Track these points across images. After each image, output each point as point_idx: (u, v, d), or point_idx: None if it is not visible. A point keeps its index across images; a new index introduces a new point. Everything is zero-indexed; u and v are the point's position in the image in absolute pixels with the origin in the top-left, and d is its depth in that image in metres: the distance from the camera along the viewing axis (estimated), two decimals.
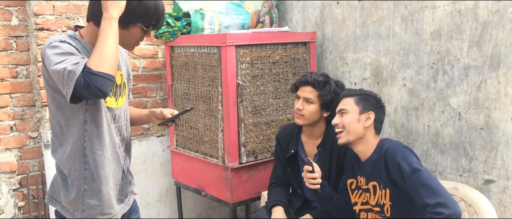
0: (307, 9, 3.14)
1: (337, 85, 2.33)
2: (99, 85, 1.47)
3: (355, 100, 2.04)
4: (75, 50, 1.56)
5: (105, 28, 1.54)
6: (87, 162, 1.67)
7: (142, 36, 1.69)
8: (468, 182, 2.33)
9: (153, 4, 1.64)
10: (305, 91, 2.31)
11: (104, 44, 1.52)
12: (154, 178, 3.39)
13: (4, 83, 2.90)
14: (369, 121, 2.00)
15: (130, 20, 1.62)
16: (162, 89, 3.36)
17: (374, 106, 2.04)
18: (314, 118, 2.32)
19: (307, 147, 2.44)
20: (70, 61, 1.49)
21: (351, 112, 2.02)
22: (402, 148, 1.91)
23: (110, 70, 1.51)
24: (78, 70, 1.46)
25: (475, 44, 2.25)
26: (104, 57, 1.50)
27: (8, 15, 2.87)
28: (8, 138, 2.94)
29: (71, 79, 1.46)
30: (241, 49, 2.61)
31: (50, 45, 1.55)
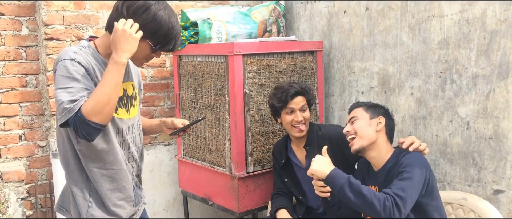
0: (314, 18, 3.15)
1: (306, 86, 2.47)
2: (86, 133, 1.49)
3: (364, 108, 2.08)
4: (82, 73, 1.53)
5: (110, 74, 1.52)
6: (88, 177, 1.68)
7: (150, 54, 1.67)
8: (477, 192, 2.31)
9: (167, 25, 1.60)
10: (299, 103, 2.39)
11: (103, 93, 1.50)
12: (161, 187, 3.39)
13: (13, 92, 2.93)
14: (380, 125, 2.01)
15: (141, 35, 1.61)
16: (169, 98, 3.38)
17: (383, 113, 2.07)
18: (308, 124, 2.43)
19: (298, 154, 2.51)
20: (70, 94, 1.49)
21: (362, 117, 2.04)
22: (421, 160, 1.89)
23: (103, 120, 1.50)
24: (72, 110, 1.47)
25: (483, 53, 2.24)
26: (99, 107, 1.48)
27: (18, 25, 2.91)
28: (17, 147, 2.96)
29: (64, 115, 1.48)
30: (248, 58, 2.62)
31: (61, 64, 1.54)
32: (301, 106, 2.39)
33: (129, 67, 1.80)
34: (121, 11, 1.60)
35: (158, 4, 1.60)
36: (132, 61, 1.74)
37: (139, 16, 1.58)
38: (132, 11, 1.59)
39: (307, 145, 2.43)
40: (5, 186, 2.86)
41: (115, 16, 1.62)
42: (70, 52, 1.57)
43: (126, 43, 1.54)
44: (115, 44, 1.55)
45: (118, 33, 1.54)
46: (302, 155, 2.49)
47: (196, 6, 3.38)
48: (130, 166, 1.80)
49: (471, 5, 2.27)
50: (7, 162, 2.93)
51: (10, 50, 2.89)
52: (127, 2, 1.60)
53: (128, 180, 1.76)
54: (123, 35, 1.54)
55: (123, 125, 1.72)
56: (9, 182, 2.89)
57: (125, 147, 1.75)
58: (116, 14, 1.62)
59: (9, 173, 2.86)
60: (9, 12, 2.87)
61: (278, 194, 2.55)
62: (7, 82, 2.90)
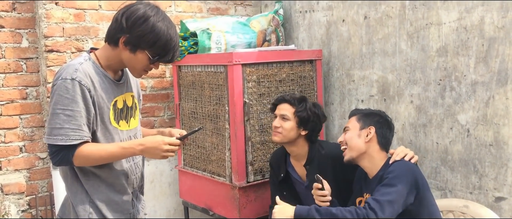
0: (313, 28, 3.16)
1: (314, 106, 2.37)
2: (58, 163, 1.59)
3: (357, 117, 2.08)
4: (82, 94, 1.57)
5: (119, 155, 1.64)
6: (85, 186, 1.68)
7: (149, 65, 1.67)
8: (479, 199, 2.30)
9: (165, 37, 1.61)
10: (282, 109, 2.36)
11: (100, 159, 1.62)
12: (162, 197, 3.38)
13: (14, 104, 2.93)
14: (370, 135, 2.01)
15: (139, 46, 1.61)
16: (169, 108, 3.38)
17: (376, 122, 2.05)
18: (291, 135, 2.33)
19: (298, 168, 2.45)
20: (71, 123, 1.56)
21: (352, 128, 2.05)
22: (408, 167, 1.89)
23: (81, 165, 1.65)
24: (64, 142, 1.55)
25: (482, 60, 2.25)
26: (88, 162, 1.62)
27: (18, 37, 2.92)
28: (17, 159, 2.96)
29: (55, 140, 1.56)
30: (247, 68, 2.63)
31: (61, 83, 1.56)
32: (283, 114, 2.33)
33: (128, 78, 1.80)
34: (121, 22, 1.61)
35: (157, 15, 1.61)
36: (131, 72, 1.74)
37: (138, 27, 1.59)
38: (131, 22, 1.60)
39: (308, 164, 2.36)
40: (6, 198, 2.85)
41: (115, 27, 1.63)
42: (71, 70, 1.58)
43: (152, 155, 1.65)
44: (149, 146, 1.64)
45: (159, 147, 1.64)
46: (301, 170, 2.42)
47: (196, 16, 3.40)
48: (134, 177, 1.80)
49: (469, 12, 2.28)
50: (7, 174, 2.93)
51: (11, 63, 2.91)
52: (126, 13, 1.61)
53: (126, 192, 1.76)
54: (157, 151, 1.64)
55: (124, 137, 1.73)
56: (10, 194, 2.89)
57: (131, 158, 1.77)
58: (115, 25, 1.63)
59: (9, 185, 2.85)
60: (9, 25, 2.88)
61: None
62: (8, 95, 2.91)
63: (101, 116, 1.64)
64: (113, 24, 1.64)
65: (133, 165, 1.79)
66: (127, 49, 1.63)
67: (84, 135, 1.58)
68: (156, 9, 1.63)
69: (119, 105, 1.71)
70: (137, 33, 1.59)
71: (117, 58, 1.67)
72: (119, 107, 1.72)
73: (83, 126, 1.57)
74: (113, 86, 1.70)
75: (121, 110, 1.73)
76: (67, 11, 2.91)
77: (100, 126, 1.65)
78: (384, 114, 2.11)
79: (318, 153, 2.34)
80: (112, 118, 1.68)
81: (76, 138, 1.55)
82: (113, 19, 1.65)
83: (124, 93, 1.75)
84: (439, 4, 2.40)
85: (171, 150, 1.66)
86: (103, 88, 1.64)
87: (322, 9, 3.08)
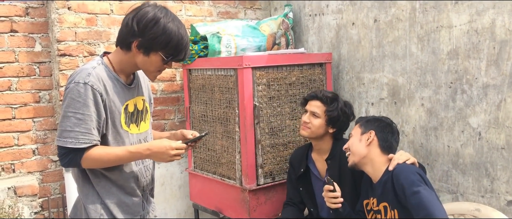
0: (323, 31, 3.17)
1: (345, 105, 2.41)
2: (66, 164, 1.62)
3: (360, 124, 2.12)
4: (94, 98, 1.59)
5: (126, 158, 1.66)
6: (97, 188, 1.71)
7: (162, 65, 1.70)
8: (491, 203, 2.28)
9: (177, 36, 1.64)
10: (313, 106, 2.39)
11: (108, 162, 1.64)
12: (172, 200, 3.40)
13: (27, 108, 2.97)
14: (370, 139, 2.04)
15: (152, 48, 1.64)
16: (180, 111, 3.40)
17: (376, 126, 2.08)
18: (319, 132, 2.38)
19: (319, 164, 2.47)
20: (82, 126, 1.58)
21: (355, 134, 2.10)
22: (409, 169, 1.89)
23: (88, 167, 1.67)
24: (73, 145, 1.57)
25: (493, 63, 2.23)
26: (96, 164, 1.64)
27: (31, 42, 2.97)
28: (30, 161, 3.00)
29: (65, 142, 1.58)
30: (257, 71, 2.64)
31: (74, 86, 1.59)
32: (313, 111, 2.37)
33: (139, 82, 1.82)
34: (132, 27, 1.63)
35: (167, 17, 1.64)
36: (146, 75, 1.77)
37: (149, 30, 1.62)
38: (143, 26, 1.62)
39: (329, 159, 2.40)
40: (19, 200, 2.89)
41: (126, 32, 1.65)
42: (85, 74, 1.60)
43: (160, 159, 1.68)
44: (156, 151, 1.66)
45: (167, 152, 1.66)
46: (321, 166, 2.45)
47: (206, 20, 3.42)
48: (145, 180, 1.82)
49: (480, 15, 2.27)
50: (20, 177, 2.97)
51: (24, 67, 2.95)
52: (137, 17, 1.64)
53: (136, 194, 1.78)
54: (165, 155, 1.67)
55: (134, 140, 1.75)
56: (23, 196, 2.93)
57: (140, 161, 1.79)
58: (126, 30, 1.65)
59: (22, 188, 2.89)
60: (23, 29, 2.93)
61: (288, 204, 2.55)
62: (21, 98, 2.95)
63: (112, 119, 1.66)
64: (124, 29, 1.66)
65: (143, 168, 1.81)
66: (140, 53, 1.65)
67: (93, 138, 1.60)
68: (165, 10, 1.66)
69: (130, 109, 1.74)
70: (149, 36, 1.62)
71: (130, 62, 1.70)
72: (130, 111, 1.74)
73: (93, 129, 1.59)
74: (125, 90, 1.72)
75: (132, 114, 1.75)
76: (79, 16, 2.95)
77: (111, 129, 1.67)
78: (387, 119, 2.13)
79: (340, 150, 2.35)
80: (123, 121, 1.70)
81: (85, 141, 1.58)
82: (123, 23, 1.66)
83: (135, 97, 1.77)
84: (450, 7, 2.39)
85: (178, 154, 1.69)
86: (115, 92, 1.66)
87: (332, 12, 3.08)
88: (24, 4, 2.92)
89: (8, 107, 2.92)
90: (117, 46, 1.72)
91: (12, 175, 2.95)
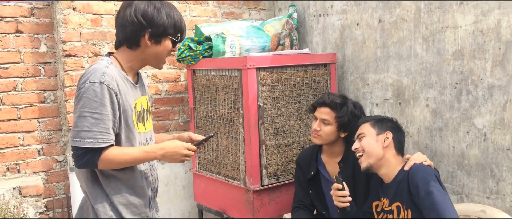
0: (327, 31, 3.16)
1: (355, 107, 2.33)
2: (83, 165, 1.60)
3: (371, 123, 2.06)
4: (110, 98, 1.59)
5: (141, 158, 1.68)
6: (106, 189, 1.70)
7: (171, 49, 1.75)
8: (496, 204, 2.27)
9: (177, 16, 1.73)
10: (322, 113, 2.33)
11: (124, 162, 1.65)
12: (177, 200, 3.41)
13: (32, 108, 2.99)
14: (388, 140, 2.00)
15: (163, 34, 1.69)
16: (184, 112, 3.41)
17: (391, 127, 2.05)
18: (331, 138, 2.33)
19: (329, 167, 2.42)
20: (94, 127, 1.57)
21: (368, 134, 2.03)
22: (426, 170, 1.88)
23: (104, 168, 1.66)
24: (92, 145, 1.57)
25: (499, 63, 2.22)
26: (112, 165, 1.64)
27: (37, 42, 2.98)
28: (35, 161, 3.01)
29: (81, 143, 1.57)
30: (261, 72, 2.64)
31: (90, 86, 1.58)
32: (323, 118, 2.31)
33: (142, 81, 1.84)
34: (139, 21, 1.65)
35: (162, 4, 1.71)
36: (156, 66, 1.79)
37: (156, 18, 1.66)
38: (150, 17, 1.66)
39: (342, 162, 2.35)
40: (24, 200, 2.90)
41: (133, 29, 1.66)
42: (99, 73, 1.60)
43: (172, 159, 1.71)
44: (169, 151, 1.69)
45: (179, 152, 1.70)
46: (332, 168, 2.40)
47: (210, 21, 3.42)
48: (152, 178, 1.83)
49: (485, 15, 2.26)
50: (25, 177, 2.98)
51: (29, 67, 2.96)
52: (139, 12, 1.66)
53: (145, 194, 1.78)
54: (177, 155, 1.70)
55: (142, 139, 1.76)
56: (28, 197, 2.94)
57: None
58: (133, 27, 1.66)
59: (27, 188, 2.90)
60: (28, 30, 2.94)
61: (299, 207, 2.48)
62: (26, 99, 2.97)
63: (125, 118, 1.67)
64: (130, 26, 1.66)
65: (149, 166, 1.82)
66: (152, 43, 1.69)
67: (111, 138, 1.61)
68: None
69: (137, 108, 1.75)
70: (158, 23, 1.66)
71: (138, 58, 1.72)
72: (138, 110, 1.75)
73: (110, 129, 1.60)
74: (133, 89, 1.73)
75: (139, 113, 1.76)
76: (84, 17, 2.96)
77: (124, 128, 1.67)
78: (394, 119, 2.11)
79: (353, 154, 2.28)
80: (135, 120, 1.71)
81: (104, 141, 1.58)
82: (127, 22, 1.66)
83: (140, 97, 1.78)
84: (455, 7, 2.38)
85: (189, 154, 1.71)
86: (126, 91, 1.68)
87: (336, 13, 3.08)
88: (30, 5, 2.93)
89: (14, 107, 2.93)
90: (120, 46, 1.73)
91: (17, 175, 2.97)
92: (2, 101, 2.89)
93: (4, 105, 2.90)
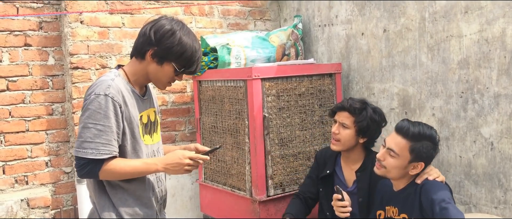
0: (332, 41, 3.17)
1: (375, 112, 2.31)
2: (85, 175, 1.63)
3: (410, 147, 1.87)
4: (114, 110, 1.61)
5: (143, 170, 1.68)
6: (113, 199, 1.71)
7: (174, 77, 1.75)
8: (504, 214, 2.25)
9: (191, 49, 1.70)
10: (342, 116, 2.32)
11: (126, 174, 1.66)
12: (183, 211, 3.41)
13: (40, 120, 3.02)
14: (416, 170, 1.90)
15: (166, 58, 1.69)
16: (190, 123, 3.42)
17: (428, 156, 1.88)
18: (351, 143, 2.31)
19: (346, 172, 2.40)
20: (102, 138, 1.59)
21: (402, 158, 1.88)
22: (442, 186, 1.85)
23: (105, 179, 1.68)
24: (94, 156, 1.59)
25: (504, 72, 2.21)
26: (114, 177, 1.66)
27: (45, 55, 3.02)
28: (43, 173, 3.04)
29: (83, 153, 1.59)
30: (267, 82, 2.65)
31: (95, 98, 1.61)
32: (342, 122, 2.30)
33: (150, 94, 1.85)
34: (149, 36, 1.68)
35: (183, 29, 1.71)
36: (156, 85, 1.80)
37: (166, 40, 1.67)
38: (160, 35, 1.67)
39: (360, 171, 2.32)
40: (32, 212, 2.92)
41: (142, 41, 1.70)
42: (105, 86, 1.63)
43: (175, 171, 1.70)
44: (172, 162, 1.69)
45: (181, 162, 1.69)
46: (348, 174, 2.38)
47: (216, 32, 3.45)
48: (159, 190, 1.84)
49: (490, 24, 2.25)
50: (33, 188, 3.00)
51: (37, 80, 3.00)
52: (154, 27, 1.69)
53: (152, 206, 1.78)
54: (179, 166, 1.69)
55: (148, 151, 1.78)
56: (36, 208, 2.96)
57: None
58: (143, 39, 1.69)
59: (35, 199, 2.92)
60: (36, 43, 2.98)
61: (298, 196, 2.49)
62: (34, 111, 3.00)
63: (131, 130, 1.69)
64: (141, 38, 1.70)
65: (155, 178, 1.82)
66: (154, 62, 1.70)
67: (113, 149, 1.62)
68: (181, 24, 1.73)
69: (144, 120, 1.77)
70: (165, 45, 1.67)
71: (143, 72, 1.74)
72: (144, 122, 1.77)
73: (113, 141, 1.62)
74: (140, 101, 1.75)
75: (146, 125, 1.78)
76: (91, 29, 3.00)
77: (130, 139, 1.69)
78: (436, 135, 1.92)
79: (372, 163, 2.23)
80: (141, 132, 1.73)
81: (105, 152, 1.60)
82: (141, 33, 1.71)
83: (148, 109, 1.80)
84: (460, 16, 2.38)
85: (192, 164, 1.70)
86: (132, 104, 1.70)
87: (341, 23, 3.09)
88: (38, 19, 2.98)
89: (22, 120, 2.97)
90: (132, 57, 1.76)
91: (25, 187, 2.99)
92: (10, 113, 2.93)
93: (12, 118, 2.94)
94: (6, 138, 2.92)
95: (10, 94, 2.92)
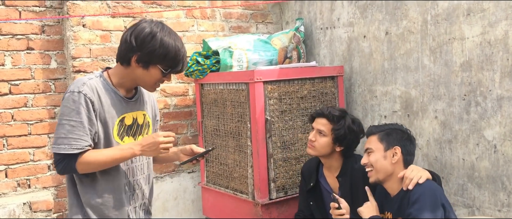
0: (334, 44, 3.17)
1: (353, 122, 2.32)
2: (62, 170, 1.66)
3: (379, 137, 2.01)
4: (86, 106, 1.64)
5: (119, 157, 1.69)
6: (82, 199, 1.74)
7: (161, 78, 1.75)
8: (508, 217, 2.24)
9: (173, 49, 1.70)
10: (320, 123, 2.34)
11: (104, 164, 1.67)
12: (186, 214, 3.40)
13: (42, 124, 3.02)
14: (396, 156, 1.96)
15: (151, 61, 1.70)
16: (192, 126, 3.42)
17: (399, 140, 2.00)
18: (326, 150, 2.32)
19: (330, 180, 2.42)
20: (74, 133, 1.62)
21: (376, 150, 2.00)
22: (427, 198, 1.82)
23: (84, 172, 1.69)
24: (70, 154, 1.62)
25: (507, 74, 2.21)
26: (91, 168, 1.68)
27: (47, 59, 3.02)
28: (45, 176, 3.04)
29: (58, 148, 1.62)
30: (269, 85, 2.65)
31: (69, 95, 1.65)
32: (320, 129, 2.32)
33: (142, 97, 1.86)
34: (130, 42, 1.69)
35: (163, 31, 1.71)
36: (145, 88, 1.81)
37: (147, 43, 1.68)
38: (140, 40, 1.68)
39: (340, 176, 2.34)
40: (34, 215, 2.92)
41: (125, 48, 1.71)
42: (80, 84, 1.68)
43: (152, 151, 1.70)
44: (145, 144, 1.68)
45: (155, 141, 1.67)
46: (332, 181, 2.40)
47: (218, 35, 3.45)
48: (136, 193, 1.83)
49: (492, 26, 2.25)
50: (36, 192, 3.00)
51: (40, 83, 3.00)
52: (135, 32, 1.70)
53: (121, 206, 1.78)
54: (155, 146, 1.68)
55: None
56: (38, 212, 2.96)
57: (131, 174, 1.80)
58: (125, 46, 1.71)
59: (38, 203, 2.92)
60: (39, 47, 2.99)
61: (299, 215, 2.50)
62: (37, 114, 3.00)
63: (105, 130, 1.71)
64: (123, 45, 1.72)
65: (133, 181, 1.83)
66: (140, 67, 1.71)
67: (86, 144, 1.65)
68: (160, 25, 1.73)
69: (127, 122, 1.78)
70: (148, 49, 1.68)
71: (129, 77, 1.75)
72: (127, 124, 1.78)
73: (85, 135, 1.65)
74: (123, 103, 1.77)
75: (130, 127, 1.79)
76: (93, 33, 3.00)
77: (103, 138, 1.71)
78: (402, 127, 2.06)
79: (352, 167, 2.31)
80: (115, 132, 1.74)
81: (77, 147, 1.63)
82: (122, 40, 1.73)
83: (135, 111, 1.81)
84: (462, 18, 2.38)
85: (166, 141, 1.69)
86: (111, 104, 1.72)
87: (343, 26, 3.09)
88: (40, 22, 2.98)
89: (24, 123, 2.97)
90: (117, 62, 1.78)
91: (27, 191, 2.99)
92: (13, 117, 2.93)
93: (15, 121, 2.94)
94: (9, 142, 2.92)
95: (12, 97, 2.93)
